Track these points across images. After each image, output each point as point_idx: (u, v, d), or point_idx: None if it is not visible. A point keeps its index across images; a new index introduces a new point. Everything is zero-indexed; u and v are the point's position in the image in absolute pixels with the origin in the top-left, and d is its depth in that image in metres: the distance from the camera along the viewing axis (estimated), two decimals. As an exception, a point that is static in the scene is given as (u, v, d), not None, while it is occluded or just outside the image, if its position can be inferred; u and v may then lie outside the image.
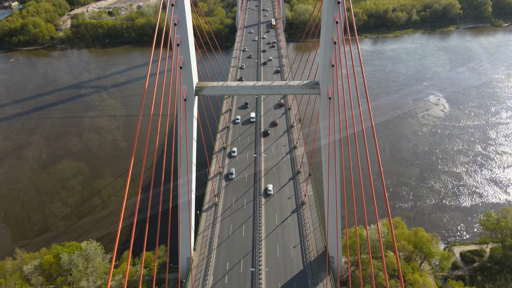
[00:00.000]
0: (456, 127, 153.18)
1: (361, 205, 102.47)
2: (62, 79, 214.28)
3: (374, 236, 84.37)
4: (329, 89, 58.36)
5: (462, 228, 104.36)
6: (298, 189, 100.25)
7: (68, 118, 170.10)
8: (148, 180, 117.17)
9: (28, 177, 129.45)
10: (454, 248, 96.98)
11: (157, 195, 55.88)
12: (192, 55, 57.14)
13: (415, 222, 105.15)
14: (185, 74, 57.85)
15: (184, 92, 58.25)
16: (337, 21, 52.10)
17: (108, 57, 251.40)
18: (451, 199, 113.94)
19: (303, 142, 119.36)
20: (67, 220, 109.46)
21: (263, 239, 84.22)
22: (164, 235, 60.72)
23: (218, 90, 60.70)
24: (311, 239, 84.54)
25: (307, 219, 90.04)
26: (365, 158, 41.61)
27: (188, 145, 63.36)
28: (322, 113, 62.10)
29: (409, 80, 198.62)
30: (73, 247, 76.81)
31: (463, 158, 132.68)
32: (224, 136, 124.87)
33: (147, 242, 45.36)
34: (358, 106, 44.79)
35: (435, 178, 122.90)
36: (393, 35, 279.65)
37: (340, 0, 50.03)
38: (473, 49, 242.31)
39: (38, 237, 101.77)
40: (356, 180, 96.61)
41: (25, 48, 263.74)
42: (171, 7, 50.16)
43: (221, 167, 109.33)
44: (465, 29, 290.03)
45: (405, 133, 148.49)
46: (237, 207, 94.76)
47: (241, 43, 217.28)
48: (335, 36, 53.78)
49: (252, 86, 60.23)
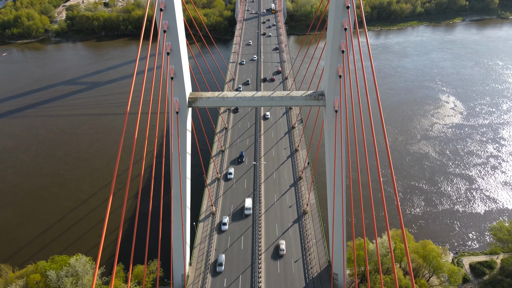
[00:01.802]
0: (467, 125, 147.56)
1: (367, 216, 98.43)
2: (55, 74, 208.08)
3: (380, 250, 79.86)
4: (336, 101, 52.98)
5: (472, 236, 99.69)
6: (300, 197, 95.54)
7: (56, 117, 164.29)
8: (142, 191, 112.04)
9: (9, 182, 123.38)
10: (463, 259, 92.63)
11: (156, 208, 51.14)
12: (184, 63, 51.65)
13: (421, 230, 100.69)
14: (176, 85, 52.45)
15: (175, 104, 52.97)
16: (345, 28, 46.37)
17: (103, 50, 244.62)
18: (459, 205, 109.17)
19: (304, 144, 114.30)
20: (56, 231, 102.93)
21: (263, 253, 79.79)
22: (159, 248, 56.02)
23: (214, 102, 55.38)
24: (314, 253, 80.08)
25: (309, 230, 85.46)
26: (372, 170, 36.60)
27: (181, 161, 58.31)
28: (328, 127, 56.81)
29: (417, 76, 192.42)
30: (62, 262, 72.38)
31: (475, 160, 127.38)
32: (222, 139, 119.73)
33: (140, 256, 40.55)
34: (371, 125, 39.62)
35: (446, 182, 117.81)
36: (397, 28, 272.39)
37: (350, 5, 44.40)
38: (482, 43, 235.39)
39: (24, 249, 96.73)
40: (359, 190, 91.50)
41: (19, 41, 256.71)
42: (160, 12, 44.61)
43: (219, 172, 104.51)
44: (471, 22, 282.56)
45: (414, 133, 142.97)
46: (236, 216, 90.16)
47: (240, 37, 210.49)
48: (343, 44, 48.19)
49: (251, 97, 54.95)
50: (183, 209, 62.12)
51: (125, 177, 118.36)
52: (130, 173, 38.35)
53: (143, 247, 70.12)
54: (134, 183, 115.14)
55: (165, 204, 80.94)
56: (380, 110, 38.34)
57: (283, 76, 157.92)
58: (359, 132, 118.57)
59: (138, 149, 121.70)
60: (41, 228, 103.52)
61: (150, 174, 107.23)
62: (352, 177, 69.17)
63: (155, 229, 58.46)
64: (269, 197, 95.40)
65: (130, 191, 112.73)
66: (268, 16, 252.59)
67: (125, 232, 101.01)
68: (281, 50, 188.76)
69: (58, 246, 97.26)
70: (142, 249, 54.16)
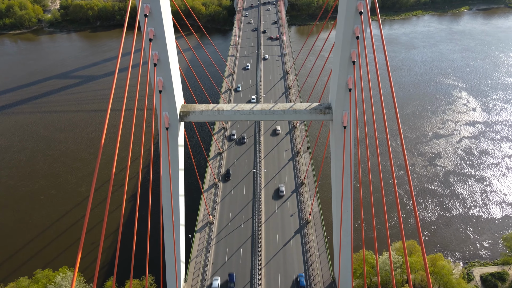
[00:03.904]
0: (480, 123, 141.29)
1: (372, 227, 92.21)
2: (50, 67, 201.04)
3: (387, 266, 75.26)
4: (344, 116, 47.26)
5: (485, 244, 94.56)
6: (302, 204, 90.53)
7: (52, 113, 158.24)
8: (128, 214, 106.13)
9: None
10: (474, 270, 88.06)
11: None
12: (174, 74, 45.74)
13: (433, 237, 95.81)
14: (166, 99, 46.64)
15: (165, 119, 47.32)
16: (357, 36, 40.24)
17: (100, 41, 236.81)
18: (474, 209, 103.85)
19: (306, 146, 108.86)
20: (44, 240, 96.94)
21: (263, 267, 75.16)
22: (147, 266, 50.88)
23: (208, 116, 49.59)
24: (317, 267, 75.39)
25: (312, 242, 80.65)
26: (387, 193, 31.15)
27: (172, 180, 52.94)
28: (335, 142, 51.15)
29: (426, 69, 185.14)
30: (45, 280, 67.59)
31: (490, 160, 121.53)
32: (219, 141, 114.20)
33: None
34: (388, 147, 33.86)
35: (460, 184, 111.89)
36: (402, 18, 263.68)
37: (363, 10, 38.27)
38: (491, 33, 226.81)
39: (6, 262, 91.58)
40: (372, 214, 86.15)
41: (11, 32, 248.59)
42: (144, 18, 38.54)
43: (216, 178, 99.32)
44: (477, 11, 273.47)
45: (425, 131, 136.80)
46: (234, 226, 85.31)
47: (239, 28, 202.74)
48: (354, 54, 42.20)
49: (249, 110, 49.23)
50: (175, 228, 57.01)
51: (121, 194, 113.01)
52: (126, 193, 32.94)
53: (138, 263, 65.40)
54: (130, 204, 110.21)
55: (157, 220, 75.88)
56: (401, 135, 32.64)
57: (285, 86, 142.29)
58: (371, 149, 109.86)
59: (133, 168, 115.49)
60: (30, 236, 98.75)
61: (146, 191, 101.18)
62: (363, 195, 63.87)
63: (146, 245, 53.36)
64: (269, 204, 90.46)
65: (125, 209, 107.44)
66: (268, 6, 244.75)
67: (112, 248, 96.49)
68: (282, 42, 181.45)
69: (48, 256, 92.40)
70: (137, 264, 49.18)
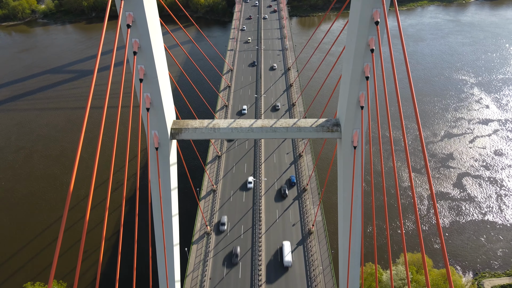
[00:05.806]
0: (494, 120, 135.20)
1: (384, 239, 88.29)
2: (46, 61, 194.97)
3: (396, 282, 71.03)
4: (355, 135, 42.10)
5: (499, 253, 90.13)
6: (304, 213, 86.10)
7: (49, 110, 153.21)
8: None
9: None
10: (485, 281, 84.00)
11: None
12: (163, 88, 40.49)
13: (445, 245, 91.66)
14: (154, 117, 41.44)
15: (154, 139, 42.27)
16: (372, 49, 34.79)
17: (96, 33, 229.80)
18: (489, 215, 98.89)
19: (309, 149, 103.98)
20: (36, 248, 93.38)
21: (263, 284, 71.09)
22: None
23: (203, 133, 44.39)
24: (321, 283, 71.36)
25: (315, 255, 76.44)
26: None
27: (164, 202, 48.18)
28: (343, 162, 46.13)
29: (435, 63, 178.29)
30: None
31: (505, 161, 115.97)
32: (217, 143, 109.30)
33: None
34: (409, 172, 28.95)
35: (475, 187, 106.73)
36: (406, 8, 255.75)
37: (380, 19, 32.85)
38: (501, 25, 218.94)
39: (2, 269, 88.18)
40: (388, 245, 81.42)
41: (4, 24, 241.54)
42: (127, 29, 33.07)
43: (214, 184, 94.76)
44: (484, 1, 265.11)
45: (437, 129, 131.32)
46: (233, 237, 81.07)
47: (239, 20, 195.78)
48: (367, 68, 36.86)
49: (248, 127, 44.12)
50: (167, 254, 52.40)
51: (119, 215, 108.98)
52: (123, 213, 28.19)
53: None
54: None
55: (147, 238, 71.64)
56: (427, 166, 27.46)
57: (289, 103, 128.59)
58: (387, 173, 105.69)
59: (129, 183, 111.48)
60: (25, 244, 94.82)
61: (146, 207, 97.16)
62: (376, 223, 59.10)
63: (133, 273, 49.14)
64: (270, 213, 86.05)
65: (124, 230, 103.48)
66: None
67: (109, 268, 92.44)
68: (283, 35, 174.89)
69: (40, 265, 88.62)
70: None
